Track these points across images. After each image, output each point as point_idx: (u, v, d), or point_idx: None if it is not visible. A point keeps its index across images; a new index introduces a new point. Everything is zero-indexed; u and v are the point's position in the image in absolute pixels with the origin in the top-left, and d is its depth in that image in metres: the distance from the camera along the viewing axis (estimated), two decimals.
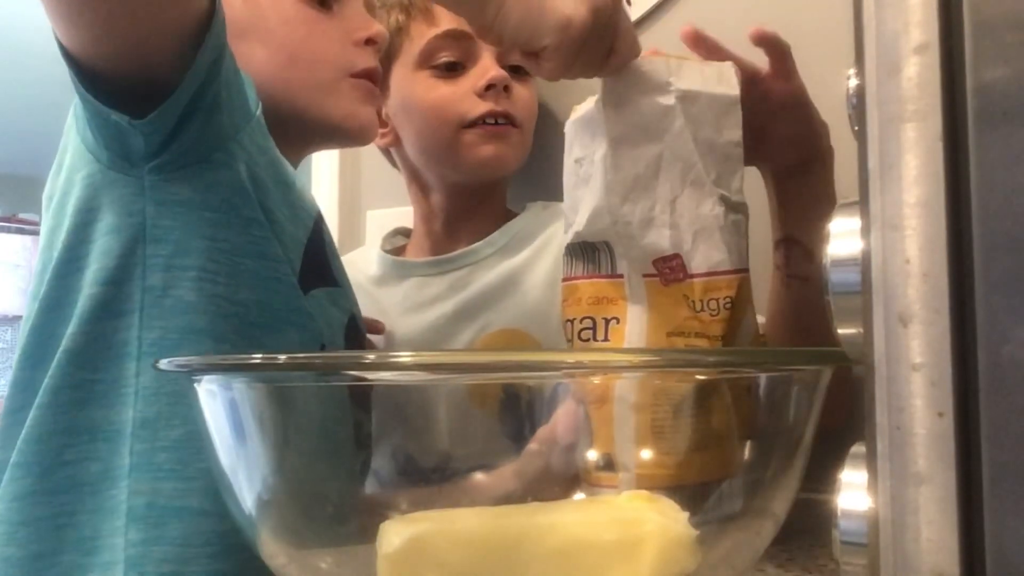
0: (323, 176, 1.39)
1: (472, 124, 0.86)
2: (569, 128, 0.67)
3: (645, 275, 0.63)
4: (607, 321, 0.65)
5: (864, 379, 0.27)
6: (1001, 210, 0.25)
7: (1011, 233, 0.25)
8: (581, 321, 0.65)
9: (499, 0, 0.54)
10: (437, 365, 0.48)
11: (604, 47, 0.58)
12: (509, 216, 0.93)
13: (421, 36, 0.89)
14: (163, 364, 0.51)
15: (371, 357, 0.50)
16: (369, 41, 0.79)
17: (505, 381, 0.51)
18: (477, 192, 0.91)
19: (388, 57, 0.92)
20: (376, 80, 0.80)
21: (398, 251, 0.99)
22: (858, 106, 0.28)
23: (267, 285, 0.65)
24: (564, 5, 0.55)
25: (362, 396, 0.52)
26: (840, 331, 0.30)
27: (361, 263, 0.97)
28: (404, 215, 1.30)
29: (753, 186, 0.68)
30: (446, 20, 0.87)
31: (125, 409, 0.63)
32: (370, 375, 0.50)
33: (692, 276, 0.62)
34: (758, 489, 0.49)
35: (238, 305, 0.63)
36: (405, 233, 1.01)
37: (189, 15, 0.58)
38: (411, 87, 0.90)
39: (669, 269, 0.63)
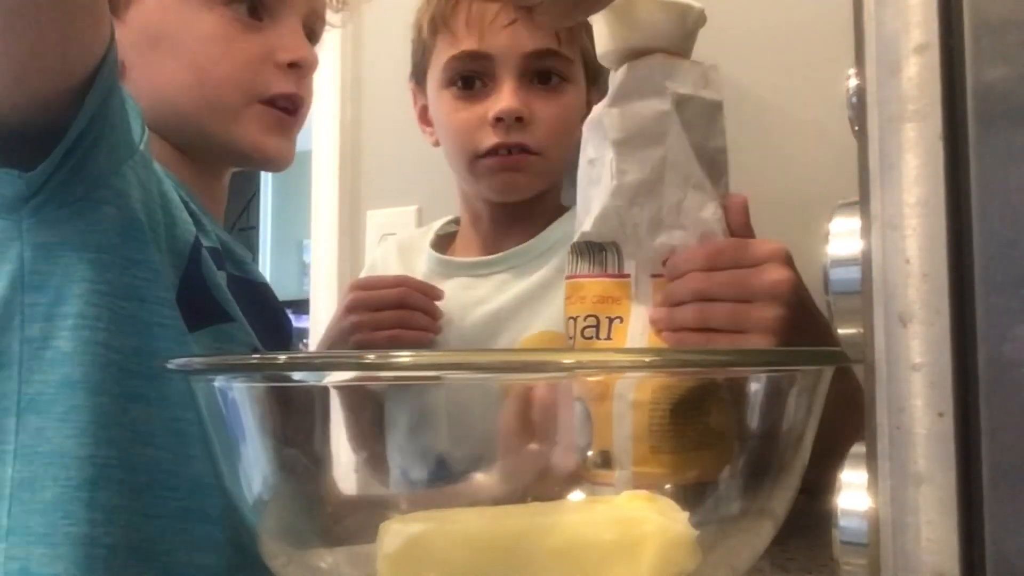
0: (323, 176, 1.39)
1: (486, 154, 0.85)
2: (584, 128, 0.67)
3: (652, 275, 0.64)
4: (611, 320, 0.65)
5: (864, 379, 0.27)
6: (1001, 210, 0.25)
7: (1011, 233, 0.25)
8: (585, 319, 0.66)
9: None
10: (436, 365, 0.48)
11: None
12: (561, 212, 0.92)
13: (443, 55, 0.87)
14: (171, 364, 0.51)
15: (371, 357, 0.50)
16: (292, 65, 0.73)
17: (505, 381, 0.51)
18: (516, 202, 0.90)
19: (423, 71, 0.92)
20: (295, 107, 0.74)
21: (449, 240, 0.98)
22: (858, 106, 0.28)
23: (149, 330, 0.61)
24: None
25: (362, 396, 0.52)
26: (840, 331, 0.30)
27: (412, 254, 0.97)
28: (404, 215, 1.30)
29: (753, 188, 0.68)
30: (466, 40, 0.85)
31: (4, 468, 0.59)
32: (370, 375, 0.50)
33: None
34: (758, 489, 0.49)
35: (117, 352, 0.59)
36: (457, 221, 1.01)
37: (92, 55, 0.55)
38: (438, 105, 0.90)
39: None
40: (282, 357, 0.50)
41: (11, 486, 0.58)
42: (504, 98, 0.83)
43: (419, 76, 0.94)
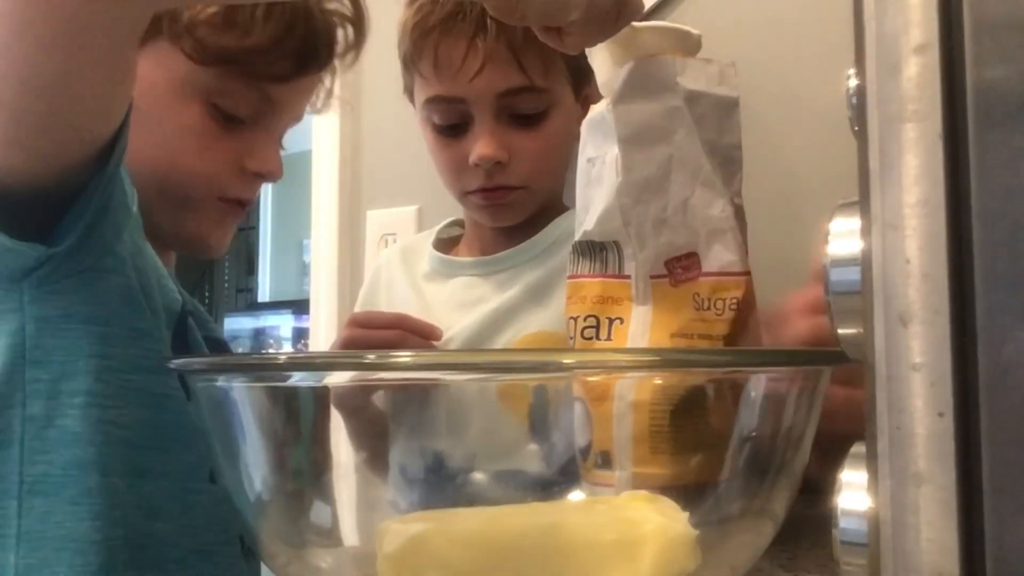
0: (323, 176, 1.39)
1: (471, 192, 0.86)
2: (583, 128, 0.67)
3: (653, 276, 0.64)
4: (611, 321, 0.65)
5: (864, 379, 0.27)
6: (1001, 210, 0.25)
7: (1011, 233, 0.25)
8: (585, 319, 0.65)
9: None
10: (436, 365, 0.48)
11: (617, 9, 0.56)
12: (562, 211, 0.91)
13: (420, 94, 0.87)
14: (172, 364, 0.51)
15: (371, 357, 0.50)
16: (257, 175, 0.73)
17: (505, 381, 0.51)
18: None
19: (412, 97, 0.91)
20: (246, 207, 0.75)
21: (451, 243, 0.98)
22: (858, 106, 0.28)
23: (155, 401, 0.59)
24: None
25: (364, 396, 0.52)
26: (840, 331, 0.30)
27: (414, 256, 0.97)
28: (404, 215, 1.30)
29: (753, 188, 0.68)
30: (436, 84, 0.84)
31: (6, 555, 0.56)
32: (370, 375, 0.50)
33: (705, 275, 0.62)
34: (758, 489, 0.49)
35: (125, 428, 0.57)
36: (460, 224, 1.01)
37: (117, 119, 0.53)
38: (424, 135, 0.90)
39: (683, 268, 0.63)
40: (282, 357, 0.51)
41: (15, 573, 0.55)
42: (481, 144, 0.83)
43: (409, 93, 0.93)
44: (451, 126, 0.85)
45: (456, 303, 0.90)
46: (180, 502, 0.59)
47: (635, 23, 0.64)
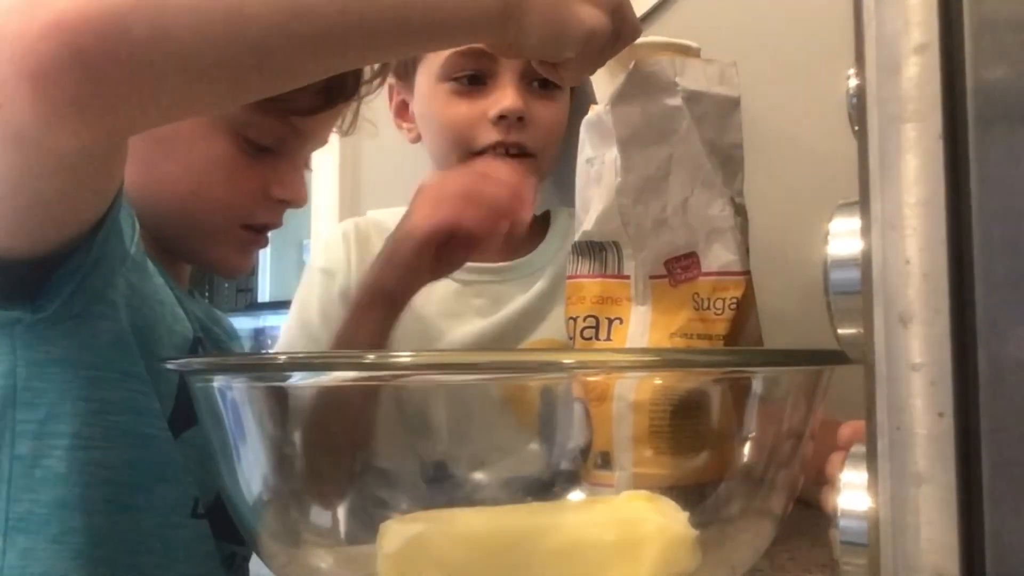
0: (323, 176, 1.39)
1: (481, 151, 0.85)
2: (582, 128, 0.67)
3: (653, 276, 0.64)
4: (611, 321, 0.65)
5: (864, 379, 0.27)
6: (1001, 210, 0.25)
7: (1011, 233, 0.25)
8: (584, 319, 0.65)
9: (517, 19, 0.51)
10: (437, 365, 0.48)
11: (615, 40, 0.57)
12: (542, 218, 0.92)
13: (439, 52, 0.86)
14: (172, 365, 0.51)
15: (371, 357, 0.50)
16: (283, 202, 0.73)
17: (505, 381, 0.51)
18: None
19: (411, 65, 0.90)
20: (268, 230, 0.74)
21: None
22: (858, 106, 0.28)
23: (140, 442, 0.59)
24: (584, 15, 0.53)
25: (362, 396, 0.52)
26: (840, 331, 0.30)
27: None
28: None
29: (753, 188, 0.68)
30: None
31: None
32: (370, 375, 0.50)
33: (704, 275, 0.62)
34: (758, 489, 0.49)
35: (110, 468, 0.58)
36: None
37: (106, 201, 0.53)
38: (431, 99, 0.88)
39: (682, 268, 0.63)
40: (282, 357, 0.51)
41: None
42: (508, 97, 0.83)
43: (404, 71, 0.92)
44: (471, 78, 0.84)
45: (449, 310, 0.89)
46: (163, 537, 0.60)
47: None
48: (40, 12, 0.40)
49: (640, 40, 0.63)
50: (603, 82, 0.67)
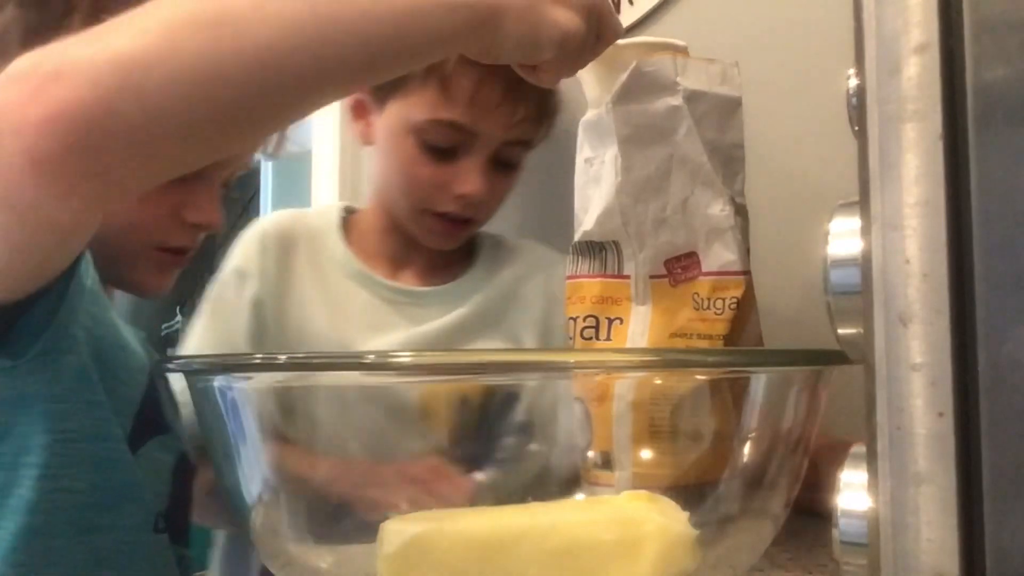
0: (323, 176, 1.39)
1: (435, 214, 0.87)
2: (580, 128, 0.67)
3: (653, 276, 0.64)
4: (611, 321, 0.65)
5: (864, 379, 0.27)
6: (1001, 210, 0.25)
7: (1011, 233, 0.25)
8: (584, 319, 0.65)
9: (493, 27, 0.51)
10: (437, 366, 0.48)
11: (594, 40, 0.58)
12: (466, 244, 0.93)
13: (425, 106, 0.84)
14: (172, 365, 0.51)
15: (371, 357, 0.50)
16: (197, 227, 0.72)
17: (506, 382, 0.51)
18: None
19: (392, 93, 0.87)
20: (185, 252, 0.73)
21: (350, 233, 0.95)
22: (858, 106, 0.28)
23: (104, 465, 0.60)
24: (560, 18, 0.54)
25: (361, 395, 0.52)
26: (840, 331, 0.30)
27: (318, 243, 0.93)
28: None
29: (753, 188, 0.68)
30: (459, 111, 0.82)
31: None
32: (370, 376, 0.50)
33: (704, 275, 0.62)
34: (758, 489, 0.49)
35: (75, 493, 0.59)
36: (349, 210, 0.98)
37: (70, 259, 0.53)
38: (400, 144, 0.87)
39: (682, 268, 0.63)
40: (282, 357, 0.51)
41: None
42: (474, 181, 0.84)
43: (384, 94, 0.88)
44: (443, 149, 0.85)
45: (368, 323, 0.88)
46: (127, 553, 0.61)
47: (619, 40, 0.64)
48: (33, 110, 0.42)
49: (626, 41, 0.63)
50: (591, 84, 0.67)
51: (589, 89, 0.68)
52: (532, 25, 0.53)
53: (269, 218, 0.96)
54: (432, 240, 0.89)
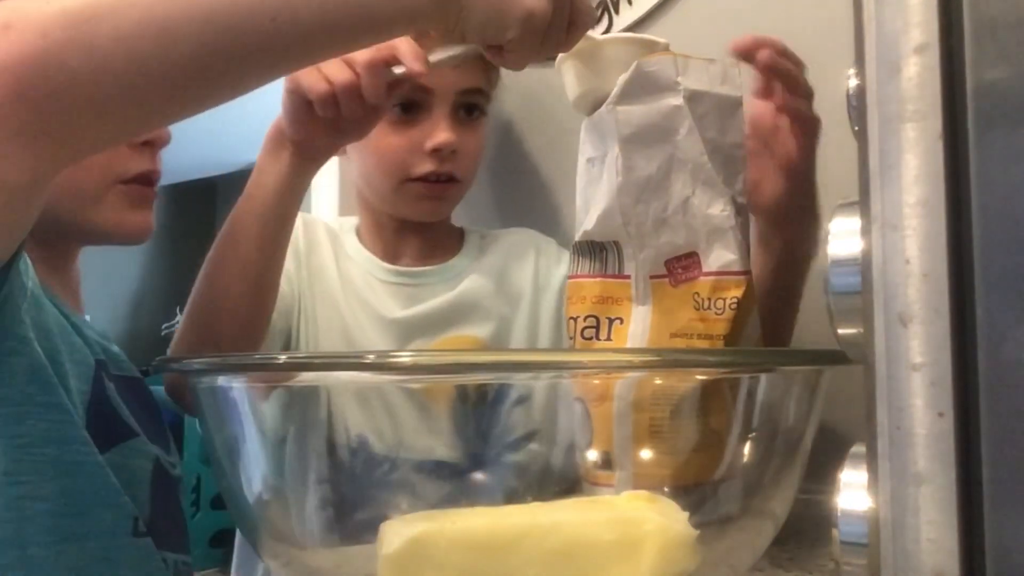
0: (323, 176, 1.39)
1: (415, 179, 0.88)
2: (583, 128, 0.67)
3: (653, 276, 0.64)
4: (611, 321, 0.65)
5: (864, 379, 0.27)
6: (1001, 210, 0.25)
7: (1011, 233, 0.25)
8: (585, 319, 0.65)
9: (458, 2, 0.52)
10: (438, 366, 0.48)
11: (564, 25, 0.58)
12: (458, 233, 0.97)
13: None
14: (173, 366, 0.51)
15: (371, 357, 0.50)
16: (146, 144, 0.69)
17: (506, 381, 0.51)
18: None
19: None
20: (153, 181, 0.70)
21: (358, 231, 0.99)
22: (858, 106, 0.28)
23: (71, 470, 0.58)
24: None
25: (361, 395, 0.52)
26: (840, 331, 0.30)
27: (337, 238, 0.96)
28: None
29: None
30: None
31: None
32: (370, 375, 0.50)
33: (705, 275, 0.62)
34: (758, 489, 0.49)
35: (43, 501, 0.57)
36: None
37: (28, 228, 0.51)
38: None
39: (682, 268, 0.63)
40: (282, 357, 0.51)
41: None
42: (442, 131, 0.87)
43: None
44: (404, 107, 0.86)
45: (364, 303, 0.90)
46: (106, 560, 0.60)
47: (597, 36, 0.65)
48: None
49: (604, 36, 0.63)
50: (571, 83, 0.68)
51: (569, 88, 0.68)
52: (496, 3, 0.54)
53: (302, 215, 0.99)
54: (422, 209, 0.91)
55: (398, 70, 0.66)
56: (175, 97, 0.47)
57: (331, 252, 0.94)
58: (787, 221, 0.72)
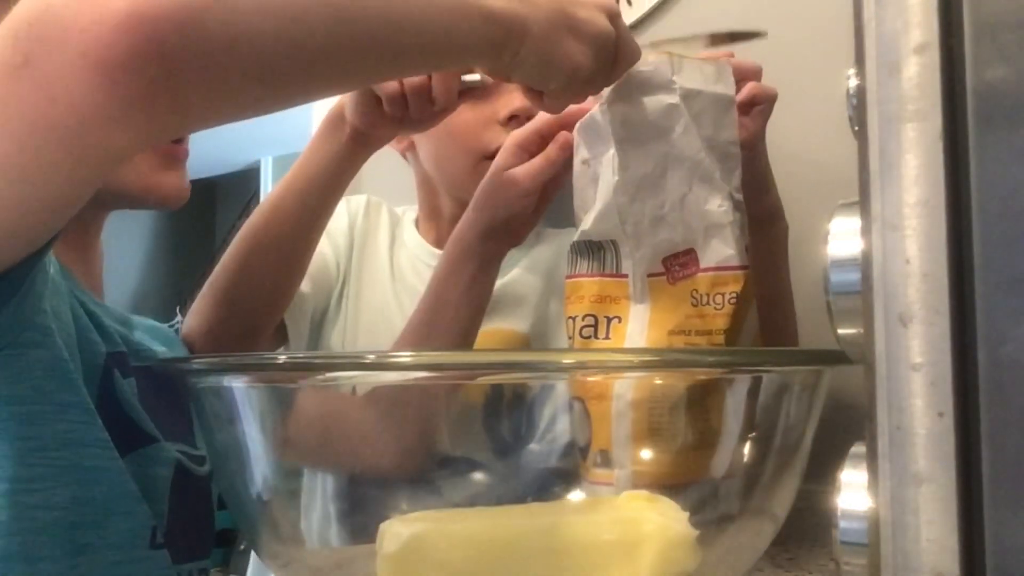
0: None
1: (493, 154, 0.86)
2: (577, 130, 0.67)
3: (650, 274, 0.64)
4: (609, 320, 0.65)
5: (864, 379, 0.27)
6: (1001, 210, 0.25)
7: (1011, 233, 0.25)
8: (583, 319, 0.66)
9: (514, 48, 0.52)
10: (438, 365, 0.48)
11: (607, 71, 0.59)
12: None
13: None
14: (174, 366, 0.51)
15: (371, 357, 0.50)
16: None
17: (505, 381, 0.51)
18: None
19: None
20: (179, 139, 0.68)
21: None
22: (858, 106, 0.28)
23: (88, 476, 0.54)
24: (572, 52, 0.55)
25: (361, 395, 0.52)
26: (840, 331, 0.30)
27: (399, 225, 0.98)
28: None
29: None
30: None
31: None
32: (370, 375, 0.50)
33: (703, 271, 0.62)
34: (758, 489, 0.49)
35: (56, 510, 0.53)
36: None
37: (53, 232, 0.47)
38: None
39: (680, 265, 0.63)
40: (282, 357, 0.51)
41: None
42: (518, 97, 0.84)
43: None
44: (476, 89, 0.86)
45: (414, 288, 0.90)
46: (123, 573, 0.56)
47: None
48: (114, 3, 0.38)
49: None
50: None
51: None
52: (547, 54, 0.54)
53: (362, 198, 1.01)
54: None
55: (469, 78, 0.67)
56: (294, 83, 0.46)
57: (388, 236, 0.95)
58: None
